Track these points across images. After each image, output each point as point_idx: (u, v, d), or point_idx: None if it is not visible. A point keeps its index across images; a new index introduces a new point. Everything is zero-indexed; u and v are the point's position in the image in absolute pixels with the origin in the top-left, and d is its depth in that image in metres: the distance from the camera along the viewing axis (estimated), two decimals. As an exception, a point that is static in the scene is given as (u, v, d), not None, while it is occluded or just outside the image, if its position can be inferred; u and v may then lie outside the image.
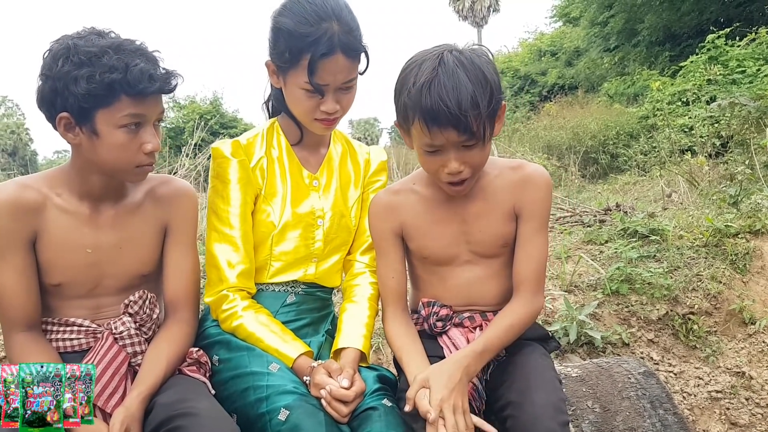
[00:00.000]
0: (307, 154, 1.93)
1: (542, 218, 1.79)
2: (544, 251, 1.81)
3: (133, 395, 1.56)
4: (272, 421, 1.51)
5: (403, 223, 1.84)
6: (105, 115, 1.57)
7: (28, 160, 42.69)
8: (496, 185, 1.80)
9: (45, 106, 1.60)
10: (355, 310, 1.86)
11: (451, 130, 1.57)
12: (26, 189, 1.65)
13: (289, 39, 1.69)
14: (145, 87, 1.55)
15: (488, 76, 1.60)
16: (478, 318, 1.81)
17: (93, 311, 1.72)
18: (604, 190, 9.12)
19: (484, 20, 36.87)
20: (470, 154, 1.64)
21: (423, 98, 1.56)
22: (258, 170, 1.83)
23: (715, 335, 3.34)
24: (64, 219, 1.68)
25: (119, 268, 1.74)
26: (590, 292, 3.46)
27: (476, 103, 1.55)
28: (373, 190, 1.99)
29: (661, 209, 5.55)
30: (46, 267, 1.67)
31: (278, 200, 1.84)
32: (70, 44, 1.54)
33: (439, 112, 1.55)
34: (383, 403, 1.63)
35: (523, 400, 1.55)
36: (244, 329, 1.73)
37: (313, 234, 1.87)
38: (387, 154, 2.14)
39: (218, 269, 1.78)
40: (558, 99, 18.81)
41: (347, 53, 1.69)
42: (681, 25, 16.65)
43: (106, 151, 1.61)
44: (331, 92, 1.74)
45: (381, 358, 2.93)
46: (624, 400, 2.07)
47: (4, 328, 1.66)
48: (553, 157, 11.60)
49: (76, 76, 1.51)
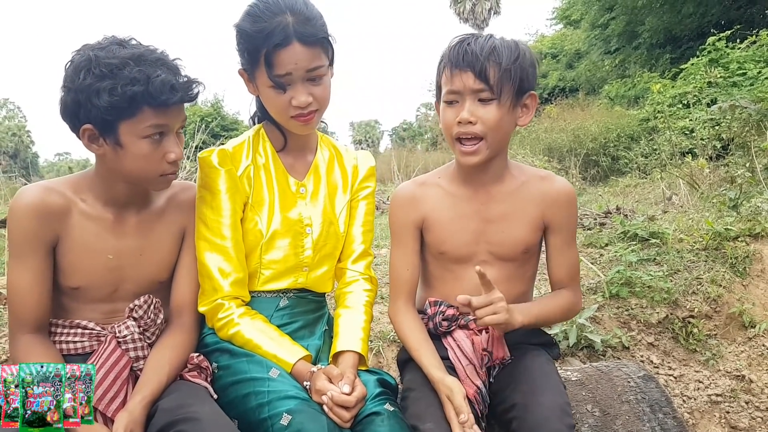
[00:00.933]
0: (292, 161, 1.92)
1: (571, 231, 1.88)
2: (576, 257, 1.91)
3: (136, 400, 1.57)
4: (274, 426, 1.52)
5: (426, 215, 1.86)
6: (128, 127, 1.58)
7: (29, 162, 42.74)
8: (523, 191, 1.84)
9: (68, 118, 1.61)
10: (351, 315, 1.86)
11: (468, 72, 1.66)
12: (51, 193, 1.67)
13: (247, 39, 1.71)
14: (167, 98, 1.56)
15: (520, 47, 1.70)
16: (485, 321, 1.82)
17: (107, 315, 1.74)
18: (605, 193, 9.13)
19: (485, 23, 36.85)
20: (484, 110, 1.68)
21: (454, 47, 1.70)
22: (245, 178, 1.83)
23: (715, 339, 3.34)
24: (87, 224, 1.70)
25: (139, 274, 1.76)
26: (590, 295, 3.46)
27: (498, 53, 1.66)
28: (362, 197, 1.99)
29: (661, 212, 5.56)
30: (67, 270, 1.69)
31: (265, 209, 1.84)
32: (91, 56, 1.54)
33: (462, 56, 1.66)
34: (386, 408, 1.64)
35: (529, 402, 1.57)
36: (242, 336, 1.74)
37: (302, 242, 1.87)
38: (388, 156, 2.14)
39: (211, 279, 1.78)
40: (559, 101, 18.75)
41: (303, 41, 1.67)
42: (682, 28, 16.64)
43: (130, 161, 1.63)
44: (299, 83, 1.72)
45: (381, 361, 2.92)
46: (623, 404, 2.07)
47: (11, 327, 1.67)
48: (554, 160, 11.61)
49: (98, 89, 1.52)
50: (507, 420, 1.60)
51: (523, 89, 1.70)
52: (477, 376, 1.73)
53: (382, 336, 3.02)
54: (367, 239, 1.98)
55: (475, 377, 1.72)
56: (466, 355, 1.76)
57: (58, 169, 44.82)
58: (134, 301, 1.74)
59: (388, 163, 14.39)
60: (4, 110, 57.11)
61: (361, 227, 1.98)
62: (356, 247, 1.96)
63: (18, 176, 12.75)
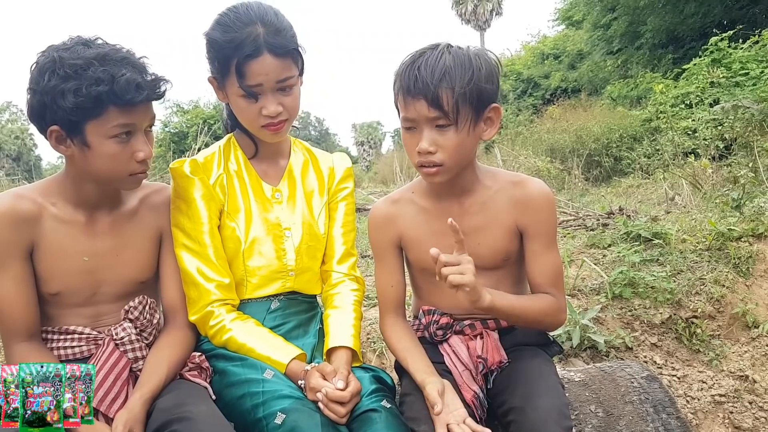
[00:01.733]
0: (265, 167, 1.93)
1: (549, 235, 1.80)
2: (558, 261, 1.82)
3: (136, 397, 1.57)
4: (269, 426, 1.52)
5: (402, 234, 1.85)
6: (95, 127, 1.57)
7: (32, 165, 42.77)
8: (496, 201, 1.80)
9: (35, 119, 1.61)
10: (340, 314, 1.87)
11: (421, 101, 1.59)
12: (21, 200, 1.66)
13: (218, 49, 1.72)
14: (133, 97, 1.56)
15: (473, 62, 1.61)
16: (479, 326, 1.81)
17: (92, 319, 1.74)
18: (608, 194, 9.12)
19: (487, 24, 36.91)
20: (443, 138, 1.63)
21: (405, 70, 1.62)
22: (218, 187, 1.84)
23: (719, 339, 3.34)
24: (60, 228, 1.69)
25: (117, 275, 1.75)
26: (593, 296, 3.46)
27: (450, 77, 1.57)
28: (341, 198, 1.99)
29: (664, 213, 5.55)
30: (44, 276, 1.68)
31: (242, 215, 1.85)
32: (56, 57, 1.54)
33: (412, 81, 1.59)
34: (383, 405, 1.64)
35: (526, 404, 1.56)
36: (235, 341, 1.74)
37: (282, 246, 1.87)
38: (390, 157, 2.14)
39: (197, 285, 1.78)
40: (561, 102, 18.75)
41: (274, 52, 1.68)
42: (684, 28, 16.61)
43: (98, 161, 1.62)
44: (269, 94, 1.73)
45: (384, 362, 2.93)
46: (627, 405, 2.06)
47: (4, 338, 1.67)
48: (556, 160, 11.59)
49: (63, 90, 1.51)
50: (505, 423, 1.60)
51: (483, 106, 1.64)
52: (474, 381, 1.72)
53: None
54: (349, 239, 1.99)
55: (471, 382, 1.72)
56: (462, 361, 1.76)
57: (61, 172, 44.83)
58: (127, 302, 1.74)
59: (391, 164, 14.41)
60: (7, 113, 57.20)
61: (341, 228, 1.98)
62: (338, 249, 1.96)
63: (21, 179, 12.76)
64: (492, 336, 1.80)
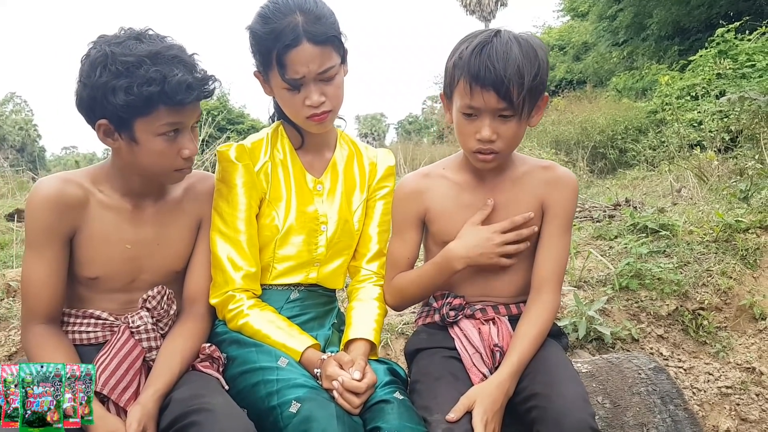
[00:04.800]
0: (311, 159, 1.93)
1: (567, 219, 1.83)
2: (566, 252, 1.85)
3: (149, 393, 1.57)
4: (283, 414, 1.53)
5: (429, 207, 1.87)
6: (143, 124, 1.59)
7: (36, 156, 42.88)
8: (525, 180, 1.84)
9: (84, 111, 1.62)
10: (364, 307, 1.88)
11: (491, 93, 1.61)
12: (70, 184, 1.67)
13: (259, 42, 1.73)
14: (183, 98, 1.57)
15: (539, 55, 1.65)
16: (490, 311, 1.82)
17: (123, 305, 1.75)
18: (613, 185, 9.08)
19: (492, 14, 36.74)
20: (505, 127, 1.67)
21: (473, 58, 1.62)
22: (262, 174, 1.84)
23: (725, 331, 3.32)
24: (106, 214, 1.71)
25: (156, 264, 1.77)
26: (600, 287, 3.45)
27: (522, 73, 1.60)
28: (380, 197, 1.99)
29: (670, 204, 5.53)
30: (85, 260, 1.69)
31: (282, 204, 1.85)
32: (108, 52, 1.54)
33: (484, 72, 1.60)
34: (395, 396, 1.65)
35: (550, 392, 1.57)
36: (251, 327, 1.75)
37: (316, 239, 1.88)
38: (394, 149, 2.15)
39: (224, 272, 1.79)
40: (566, 94, 18.69)
41: (314, 40, 1.69)
42: (690, 19, 16.53)
43: (145, 156, 1.64)
44: (311, 84, 1.73)
45: (390, 353, 2.93)
46: (634, 396, 2.06)
47: (24, 317, 1.68)
48: (561, 152, 11.56)
49: (113, 87, 1.52)
50: (525, 410, 1.60)
51: (540, 96, 1.70)
52: (483, 364, 1.73)
53: (390, 328, 3.03)
54: (383, 239, 1.99)
55: (481, 365, 1.73)
56: (473, 344, 1.77)
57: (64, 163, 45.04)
58: (147, 291, 1.74)
59: (395, 156, 14.39)
60: (11, 104, 57.31)
61: (377, 227, 1.98)
62: (372, 247, 1.97)
63: (25, 170, 12.78)
64: (504, 322, 1.81)
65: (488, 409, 1.57)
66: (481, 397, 1.59)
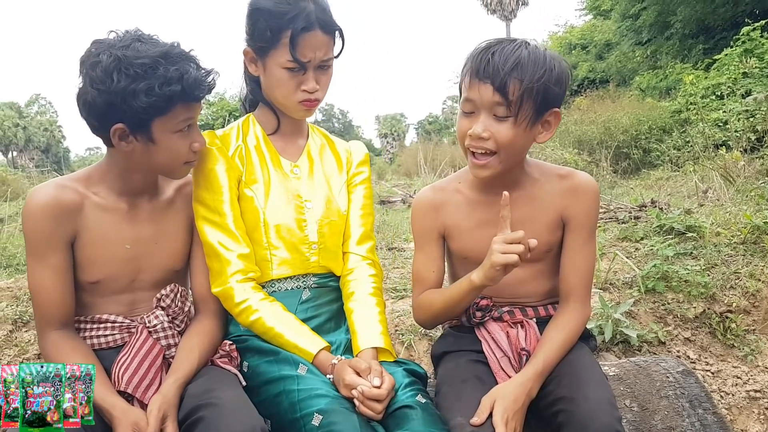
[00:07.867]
0: (284, 144, 1.94)
1: (591, 228, 1.80)
2: (592, 260, 1.82)
3: (170, 382, 1.60)
4: (306, 427, 1.53)
5: (446, 223, 1.85)
6: (161, 123, 1.61)
7: (61, 157, 43.43)
8: (543, 193, 1.80)
9: (95, 117, 1.62)
10: (363, 310, 1.85)
11: (488, 84, 1.60)
12: (64, 190, 1.68)
13: (269, 18, 1.74)
14: (199, 93, 1.62)
15: (548, 62, 1.62)
16: (518, 313, 1.81)
17: (128, 307, 1.77)
18: (637, 186, 9.00)
19: (513, 14, 36.58)
20: (499, 127, 1.63)
21: (477, 54, 1.64)
22: (237, 158, 1.86)
23: (754, 334, 3.28)
24: (103, 216, 1.72)
25: (154, 263, 1.78)
26: (626, 290, 3.42)
27: (522, 69, 1.58)
28: (359, 182, 2.01)
29: (696, 206, 5.47)
30: (86, 264, 1.70)
31: (260, 186, 1.85)
32: (120, 56, 1.55)
33: (483, 64, 1.60)
34: (418, 400, 1.63)
35: (576, 395, 1.56)
36: (262, 324, 1.74)
37: (303, 217, 1.87)
38: (414, 149, 2.15)
39: (219, 257, 1.78)
40: (589, 93, 18.51)
41: (325, 29, 1.76)
42: (715, 18, 16.31)
43: (161, 154, 1.66)
44: (311, 71, 1.78)
45: (413, 354, 2.93)
46: (662, 399, 2.05)
47: (38, 326, 1.69)
48: (584, 152, 11.47)
49: (134, 90, 1.54)
50: (551, 414, 1.59)
51: (546, 107, 1.65)
52: (511, 367, 1.73)
53: (413, 330, 3.03)
54: (368, 222, 1.99)
55: (509, 369, 1.72)
56: (501, 347, 1.76)
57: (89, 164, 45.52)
58: (160, 290, 1.76)
59: (415, 156, 14.34)
60: (36, 106, 58.08)
61: (360, 210, 1.98)
62: (356, 230, 1.96)
63: (50, 170, 12.95)
64: (532, 325, 1.80)
65: (509, 407, 1.56)
66: (502, 396, 1.58)
